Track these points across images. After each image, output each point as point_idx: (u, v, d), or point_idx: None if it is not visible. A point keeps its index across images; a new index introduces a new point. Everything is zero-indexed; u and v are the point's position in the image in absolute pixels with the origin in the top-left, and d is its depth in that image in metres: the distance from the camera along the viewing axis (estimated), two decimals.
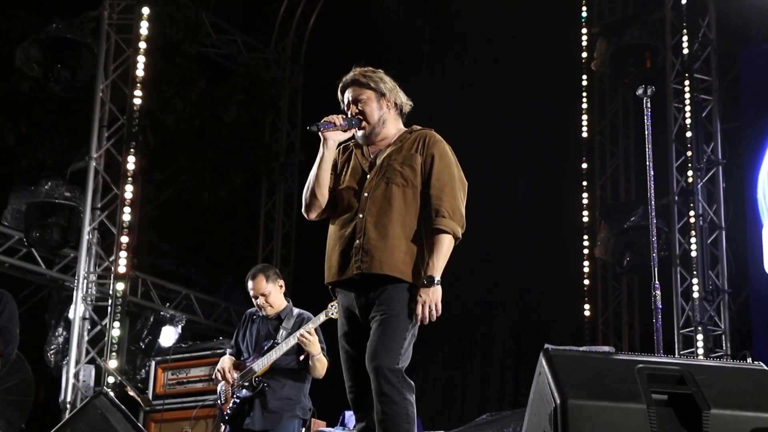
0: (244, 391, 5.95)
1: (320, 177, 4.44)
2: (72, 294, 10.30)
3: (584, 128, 11.85)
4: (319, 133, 4.42)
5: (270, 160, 13.18)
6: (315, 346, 5.83)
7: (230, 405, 5.98)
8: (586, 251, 11.52)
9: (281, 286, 6.11)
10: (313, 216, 4.53)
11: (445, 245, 4.27)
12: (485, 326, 11.82)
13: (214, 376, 6.12)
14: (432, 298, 4.20)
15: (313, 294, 5.92)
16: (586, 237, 11.54)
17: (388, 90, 4.50)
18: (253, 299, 6.08)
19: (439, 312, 4.23)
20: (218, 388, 6.14)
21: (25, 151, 12.04)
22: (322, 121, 4.43)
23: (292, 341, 5.86)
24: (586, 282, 11.56)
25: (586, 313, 11.46)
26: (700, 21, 10.70)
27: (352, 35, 12.76)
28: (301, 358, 5.91)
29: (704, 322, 9.98)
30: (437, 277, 4.22)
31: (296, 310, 6.13)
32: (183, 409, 8.17)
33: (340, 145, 4.52)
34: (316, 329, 5.90)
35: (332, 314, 5.70)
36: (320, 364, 5.90)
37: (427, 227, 4.31)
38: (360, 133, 4.49)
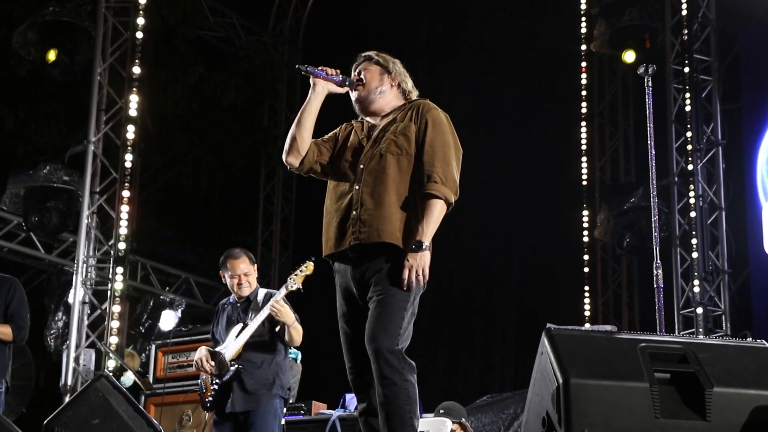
0: (221, 377, 5.99)
1: (302, 119, 4.43)
2: (71, 278, 10.29)
3: (583, 109, 11.81)
4: (310, 79, 4.43)
5: (268, 144, 13.15)
6: (288, 315, 5.88)
7: (210, 393, 6.03)
8: (585, 232, 11.51)
9: (256, 270, 6.25)
10: (291, 161, 4.47)
11: (436, 210, 4.21)
12: (486, 308, 11.83)
13: (194, 367, 6.15)
14: (419, 263, 4.13)
15: (312, 277, 5.94)
16: (585, 218, 11.53)
17: (396, 71, 4.53)
18: (230, 279, 6.15)
19: (426, 278, 4.16)
20: (199, 379, 6.19)
21: (24, 136, 12.02)
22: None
23: (262, 316, 5.90)
24: (586, 263, 11.55)
25: (586, 294, 11.46)
26: (699, 1, 10.66)
27: (350, 18, 12.73)
28: (277, 329, 5.96)
29: (704, 303, 9.98)
30: (426, 242, 4.16)
31: (263, 290, 6.20)
32: (183, 392, 8.21)
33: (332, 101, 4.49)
34: (285, 299, 5.97)
35: (291, 287, 5.85)
36: (296, 333, 5.95)
37: (420, 194, 4.27)
38: (354, 95, 4.50)
